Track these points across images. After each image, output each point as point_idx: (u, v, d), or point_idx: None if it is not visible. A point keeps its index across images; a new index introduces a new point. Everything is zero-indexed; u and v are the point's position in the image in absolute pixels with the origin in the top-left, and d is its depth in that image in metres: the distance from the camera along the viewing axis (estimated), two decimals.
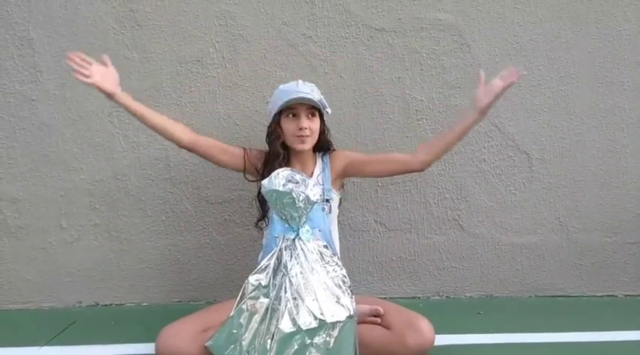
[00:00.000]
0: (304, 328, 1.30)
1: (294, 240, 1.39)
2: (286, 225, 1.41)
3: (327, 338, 1.32)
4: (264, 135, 1.77)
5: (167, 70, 2.04)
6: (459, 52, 2.05)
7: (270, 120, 1.72)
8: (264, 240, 1.77)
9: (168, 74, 2.04)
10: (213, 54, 2.04)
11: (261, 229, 1.77)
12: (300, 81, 1.71)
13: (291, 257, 1.37)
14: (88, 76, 1.56)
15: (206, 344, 1.44)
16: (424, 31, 2.04)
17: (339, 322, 1.32)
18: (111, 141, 2.07)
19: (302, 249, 1.38)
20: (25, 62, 2.03)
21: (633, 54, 2.06)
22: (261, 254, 1.77)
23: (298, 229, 1.39)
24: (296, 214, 1.36)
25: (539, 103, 2.07)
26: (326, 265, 1.39)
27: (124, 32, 2.02)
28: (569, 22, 2.04)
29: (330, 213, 1.74)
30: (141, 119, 1.65)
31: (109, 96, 1.60)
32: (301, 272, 1.35)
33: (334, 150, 1.81)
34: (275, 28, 2.03)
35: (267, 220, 1.75)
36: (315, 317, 1.31)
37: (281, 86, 1.73)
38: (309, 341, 1.31)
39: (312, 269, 1.36)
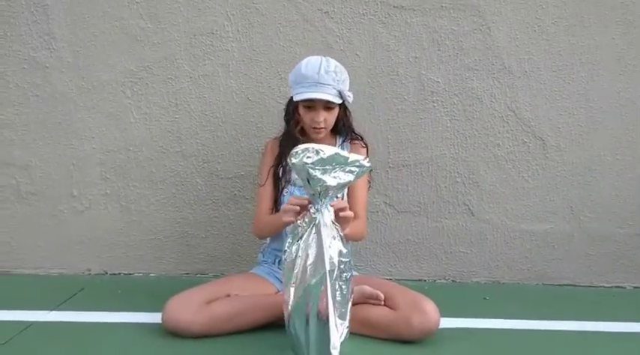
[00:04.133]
0: None
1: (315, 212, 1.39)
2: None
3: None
4: (276, 112, 1.76)
5: (181, 41, 2.02)
6: (479, 33, 2.00)
7: (289, 97, 1.69)
8: None
9: (182, 46, 2.02)
10: (228, 27, 2.01)
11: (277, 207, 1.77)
12: (324, 62, 1.61)
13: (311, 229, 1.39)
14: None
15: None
16: (444, 10, 1.99)
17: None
18: (123, 112, 2.07)
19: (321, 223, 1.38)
20: (40, 29, 2.02)
21: None
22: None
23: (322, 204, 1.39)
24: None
25: (558, 89, 2.03)
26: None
27: (139, 1, 2.00)
28: (593, 6, 1.98)
29: (342, 199, 1.73)
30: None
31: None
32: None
33: (362, 144, 1.76)
34: (291, 2, 1.99)
35: (278, 202, 1.74)
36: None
37: (303, 64, 1.63)
38: None
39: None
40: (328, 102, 1.62)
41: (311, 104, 1.63)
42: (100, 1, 2.00)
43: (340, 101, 1.64)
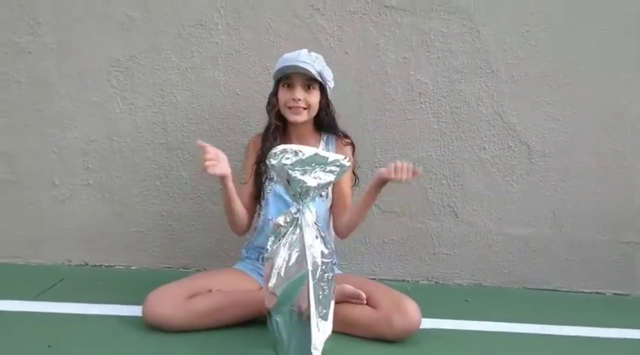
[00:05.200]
0: None
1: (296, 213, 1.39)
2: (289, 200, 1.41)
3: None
4: (264, 106, 1.75)
5: (169, 32, 2.00)
6: (468, 36, 2.01)
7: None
8: (258, 222, 1.75)
9: (170, 36, 2.00)
10: (217, 19, 1.99)
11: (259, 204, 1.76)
12: (305, 50, 1.66)
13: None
14: (218, 169, 1.50)
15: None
16: (434, 12, 2.00)
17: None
18: (108, 101, 2.03)
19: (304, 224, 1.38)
20: (25, 13, 1.98)
21: None
22: (254, 234, 1.76)
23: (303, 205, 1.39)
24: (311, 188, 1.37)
25: (544, 95, 2.05)
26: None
27: None
28: (580, 14, 2.00)
29: (326, 198, 1.72)
30: (229, 202, 1.62)
31: (223, 178, 1.54)
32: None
33: (347, 143, 1.76)
34: None
35: (262, 201, 1.73)
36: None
37: (285, 54, 1.69)
38: None
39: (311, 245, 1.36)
40: (308, 80, 1.62)
41: (290, 82, 1.63)
42: None
43: (320, 79, 1.64)
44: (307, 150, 1.37)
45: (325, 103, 1.71)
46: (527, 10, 2.00)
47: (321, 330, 1.31)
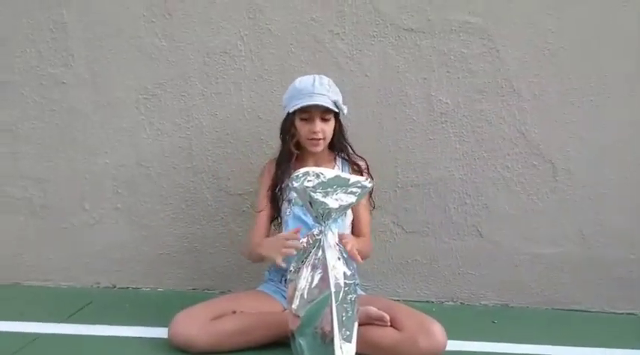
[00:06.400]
0: None
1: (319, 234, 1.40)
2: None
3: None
4: None
5: (195, 60, 2.06)
6: (488, 56, 2.02)
7: (284, 115, 1.72)
8: None
9: (195, 64, 2.07)
10: (241, 46, 2.05)
11: (275, 228, 1.79)
12: (317, 77, 1.69)
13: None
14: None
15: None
16: (453, 33, 2.01)
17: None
18: (136, 128, 2.10)
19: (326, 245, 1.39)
20: (58, 45, 2.08)
21: None
22: None
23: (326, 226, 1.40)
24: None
25: (568, 113, 2.03)
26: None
27: (154, 20, 2.05)
28: (603, 31, 1.99)
29: (345, 217, 1.74)
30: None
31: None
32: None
33: (363, 165, 1.78)
34: (303, 23, 2.03)
35: (279, 223, 1.76)
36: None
37: (297, 81, 1.71)
38: None
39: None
40: (324, 112, 1.66)
41: (307, 116, 1.66)
42: (117, 19, 2.06)
43: (336, 110, 1.67)
44: (328, 173, 1.39)
45: (339, 128, 1.75)
46: (546, 28, 2.00)
47: (344, 352, 1.31)
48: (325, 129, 1.68)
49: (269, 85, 2.06)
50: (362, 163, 1.79)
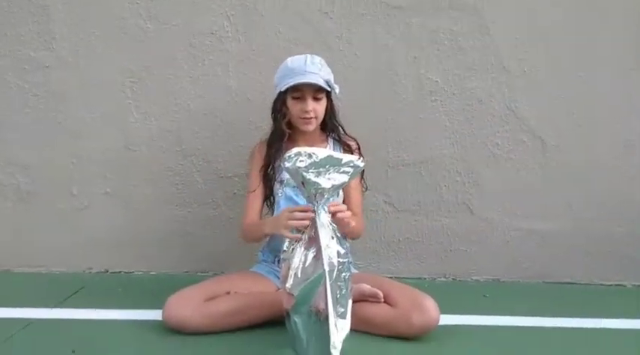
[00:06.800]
0: None
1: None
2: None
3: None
4: None
5: (181, 41, 2.03)
6: (477, 33, 2.01)
7: (275, 95, 1.71)
8: None
9: (182, 46, 2.03)
10: (228, 27, 2.02)
11: (269, 207, 1.78)
12: (309, 56, 1.67)
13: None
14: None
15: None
16: (442, 10, 2.00)
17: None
18: (123, 111, 2.07)
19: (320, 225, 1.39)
20: (40, 29, 2.04)
21: None
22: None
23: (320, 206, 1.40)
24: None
25: (557, 89, 2.03)
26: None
27: (139, 2, 2.01)
28: (593, 7, 1.99)
29: (337, 197, 1.73)
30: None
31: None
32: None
33: (354, 145, 1.77)
34: (290, 2, 2.00)
35: (271, 203, 1.76)
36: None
37: (289, 60, 1.68)
38: None
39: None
40: (316, 90, 1.65)
41: (299, 94, 1.65)
42: (101, 1, 2.01)
43: (328, 88, 1.66)
44: (321, 152, 1.39)
45: (331, 108, 1.74)
46: (536, 4, 1.99)
47: (339, 329, 1.32)
48: (317, 108, 1.67)
49: (257, 66, 2.04)
50: (353, 143, 1.78)
